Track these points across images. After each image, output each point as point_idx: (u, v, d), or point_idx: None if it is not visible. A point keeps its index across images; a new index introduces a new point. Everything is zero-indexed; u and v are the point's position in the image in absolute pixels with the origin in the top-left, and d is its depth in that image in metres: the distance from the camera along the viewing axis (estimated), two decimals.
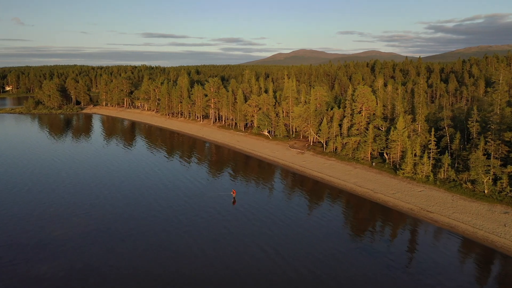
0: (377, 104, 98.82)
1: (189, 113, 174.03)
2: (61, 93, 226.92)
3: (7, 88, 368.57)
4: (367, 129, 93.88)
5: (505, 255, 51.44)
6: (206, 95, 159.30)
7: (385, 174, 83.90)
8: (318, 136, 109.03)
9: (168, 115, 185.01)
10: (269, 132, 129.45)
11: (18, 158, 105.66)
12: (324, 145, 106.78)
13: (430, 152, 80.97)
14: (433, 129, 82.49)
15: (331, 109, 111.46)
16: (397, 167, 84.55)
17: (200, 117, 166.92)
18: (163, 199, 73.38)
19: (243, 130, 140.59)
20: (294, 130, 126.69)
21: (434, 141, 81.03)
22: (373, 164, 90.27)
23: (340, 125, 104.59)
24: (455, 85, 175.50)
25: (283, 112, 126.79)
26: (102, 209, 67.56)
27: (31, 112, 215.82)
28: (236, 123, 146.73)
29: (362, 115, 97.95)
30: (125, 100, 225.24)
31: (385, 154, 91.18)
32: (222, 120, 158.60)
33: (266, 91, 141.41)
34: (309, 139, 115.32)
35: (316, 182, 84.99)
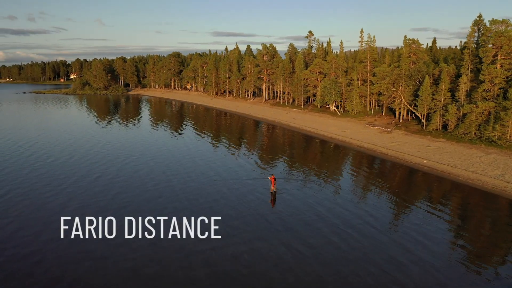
0: None
1: (239, 91, 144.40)
2: (109, 74, 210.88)
3: (72, 76, 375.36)
4: (507, 91, 55.77)
5: None
6: (257, 65, 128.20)
7: None
8: (415, 107, 72.36)
9: (216, 94, 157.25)
10: (336, 107, 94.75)
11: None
12: (423, 121, 69.98)
13: None
14: None
15: (433, 68, 74.03)
16: None
17: (250, 94, 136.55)
18: (181, 190, 43.45)
19: (302, 106, 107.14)
20: (373, 105, 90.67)
21: None
22: None
23: (451, 90, 67.22)
24: None
25: (357, 79, 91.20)
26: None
27: (76, 93, 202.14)
28: (293, 99, 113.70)
29: (497, 67, 59.59)
30: (172, 81, 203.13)
31: None
32: (276, 98, 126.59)
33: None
34: (397, 114, 78.94)
35: (417, 172, 49.60)
